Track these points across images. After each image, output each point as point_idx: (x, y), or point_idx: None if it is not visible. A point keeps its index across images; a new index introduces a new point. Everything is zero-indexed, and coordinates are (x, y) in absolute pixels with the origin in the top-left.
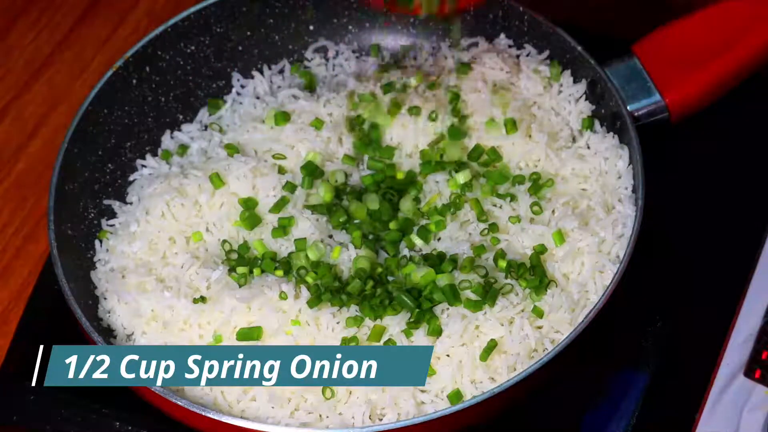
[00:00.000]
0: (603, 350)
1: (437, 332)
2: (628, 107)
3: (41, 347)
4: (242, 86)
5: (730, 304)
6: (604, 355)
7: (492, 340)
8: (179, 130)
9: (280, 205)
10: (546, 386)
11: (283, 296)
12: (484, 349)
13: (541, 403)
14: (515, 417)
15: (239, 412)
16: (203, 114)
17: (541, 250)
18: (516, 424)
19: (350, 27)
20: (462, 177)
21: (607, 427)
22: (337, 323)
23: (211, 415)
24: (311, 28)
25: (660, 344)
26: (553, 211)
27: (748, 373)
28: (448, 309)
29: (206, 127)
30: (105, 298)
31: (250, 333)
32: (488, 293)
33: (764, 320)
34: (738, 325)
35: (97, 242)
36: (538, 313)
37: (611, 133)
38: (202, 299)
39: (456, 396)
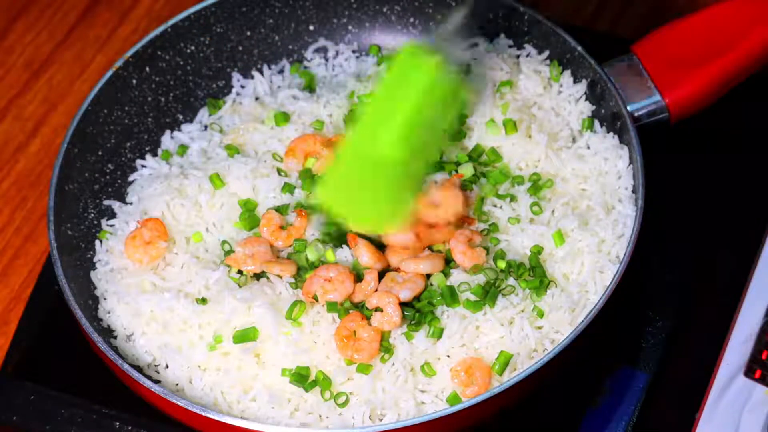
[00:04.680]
0: (603, 350)
1: (438, 334)
2: (628, 107)
3: (41, 347)
4: (242, 86)
5: (730, 304)
6: (604, 355)
7: (506, 352)
8: (179, 130)
9: (282, 211)
10: (546, 386)
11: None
12: (499, 363)
13: (541, 403)
14: (515, 417)
15: (239, 413)
16: (203, 114)
17: (538, 251)
18: (516, 423)
19: (350, 27)
20: (466, 171)
21: (606, 427)
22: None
23: (211, 416)
24: (311, 28)
25: (660, 344)
26: (552, 212)
27: (748, 373)
28: (448, 309)
29: (206, 127)
30: (105, 299)
31: (246, 334)
32: (488, 294)
33: (764, 320)
34: (738, 325)
35: (97, 242)
36: (539, 314)
37: (611, 134)
38: (203, 300)
39: (456, 396)
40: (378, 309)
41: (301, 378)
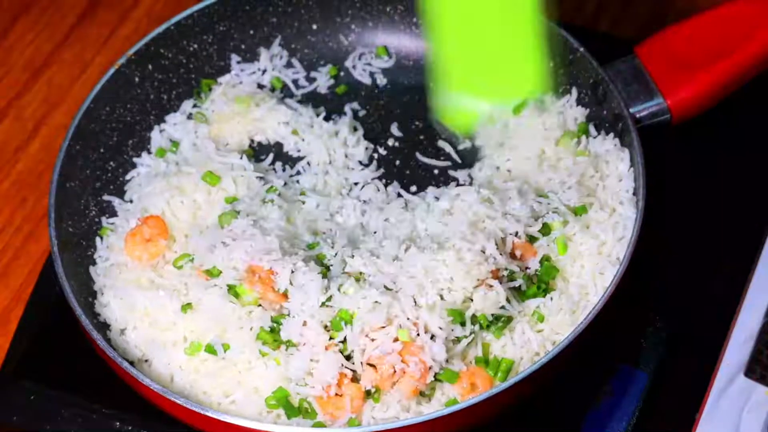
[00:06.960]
0: (603, 350)
1: (454, 402)
2: (629, 109)
3: (41, 347)
4: (242, 70)
5: (730, 304)
6: (604, 355)
7: (507, 360)
8: (164, 122)
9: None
10: (548, 386)
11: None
12: (501, 372)
13: (542, 403)
14: (516, 416)
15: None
16: (188, 104)
17: (547, 259)
18: (517, 423)
19: (353, 26)
20: None
21: (607, 427)
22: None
23: (210, 414)
24: (314, 27)
25: (660, 344)
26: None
27: (748, 373)
28: None
29: (190, 115)
30: (102, 293)
31: (215, 348)
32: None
33: (764, 320)
34: (738, 325)
35: (97, 239)
36: (539, 318)
37: (611, 135)
38: (186, 306)
39: (455, 401)
40: (370, 365)
41: (282, 401)
